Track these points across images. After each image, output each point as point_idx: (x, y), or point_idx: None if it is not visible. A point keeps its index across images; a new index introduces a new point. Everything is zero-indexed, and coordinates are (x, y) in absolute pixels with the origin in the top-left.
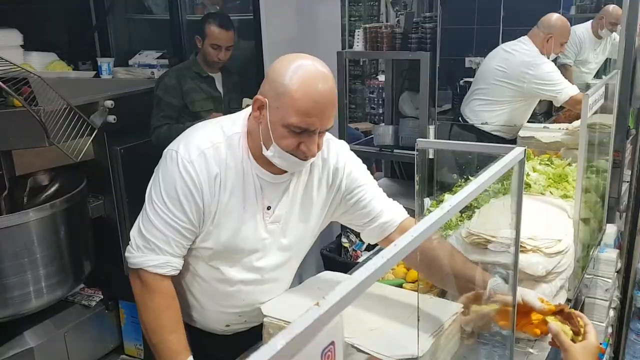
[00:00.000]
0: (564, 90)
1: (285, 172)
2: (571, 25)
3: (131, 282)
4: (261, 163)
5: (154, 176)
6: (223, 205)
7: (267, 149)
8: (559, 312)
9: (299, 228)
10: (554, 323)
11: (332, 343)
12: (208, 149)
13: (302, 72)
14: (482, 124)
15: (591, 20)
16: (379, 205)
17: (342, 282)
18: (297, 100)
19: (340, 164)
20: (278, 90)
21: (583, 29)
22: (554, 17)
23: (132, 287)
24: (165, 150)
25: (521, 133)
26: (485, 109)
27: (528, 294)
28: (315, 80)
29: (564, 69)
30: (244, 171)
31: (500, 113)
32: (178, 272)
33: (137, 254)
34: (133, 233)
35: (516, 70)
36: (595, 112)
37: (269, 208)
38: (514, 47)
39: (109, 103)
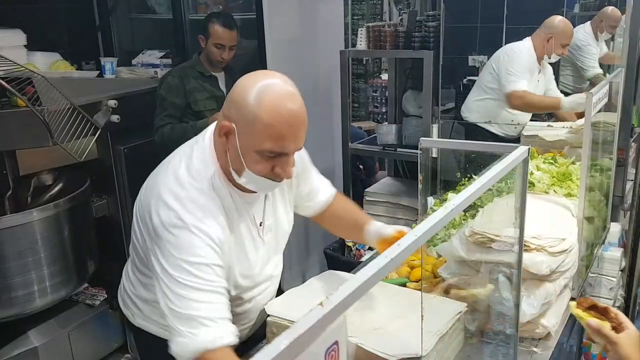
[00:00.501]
0: (513, 82)
1: None
2: (575, 23)
3: None
4: (243, 188)
5: (161, 252)
6: (232, 247)
7: (240, 176)
8: (592, 308)
9: (285, 224)
10: (593, 319)
11: (336, 343)
12: (207, 202)
13: (271, 96)
14: (485, 122)
15: (589, 22)
16: (318, 185)
17: (346, 282)
18: (268, 126)
19: None
20: (247, 117)
21: (588, 36)
22: (557, 18)
23: None
24: (158, 224)
25: (525, 132)
26: (471, 99)
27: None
28: (284, 102)
29: (597, 79)
30: (235, 206)
31: (479, 100)
32: (238, 338)
33: (189, 338)
34: (171, 323)
35: (497, 55)
36: (599, 111)
37: (260, 224)
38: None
39: (113, 103)
